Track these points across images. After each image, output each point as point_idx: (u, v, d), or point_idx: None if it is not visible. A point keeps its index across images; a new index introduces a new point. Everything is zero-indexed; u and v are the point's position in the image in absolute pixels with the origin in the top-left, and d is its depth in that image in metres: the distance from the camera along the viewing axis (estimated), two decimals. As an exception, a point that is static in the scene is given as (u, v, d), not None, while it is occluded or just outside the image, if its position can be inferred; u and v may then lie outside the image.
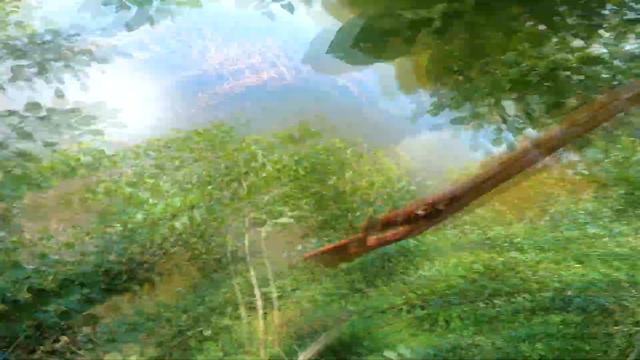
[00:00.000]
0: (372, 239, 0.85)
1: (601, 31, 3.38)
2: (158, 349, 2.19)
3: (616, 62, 3.21)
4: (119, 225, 1.98)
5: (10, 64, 1.79)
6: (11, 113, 1.29)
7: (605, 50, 3.23)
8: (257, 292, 1.94)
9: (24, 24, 1.92)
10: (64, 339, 1.66)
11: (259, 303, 1.87)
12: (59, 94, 1.81)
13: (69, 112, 1.39)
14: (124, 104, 8.04)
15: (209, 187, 2.81)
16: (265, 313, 2.71)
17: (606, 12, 3.48)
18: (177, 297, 3.36)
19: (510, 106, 3.56)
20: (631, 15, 3.42)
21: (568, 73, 3.07)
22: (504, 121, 3.28)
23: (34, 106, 1.29)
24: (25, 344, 1.48)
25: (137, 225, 2.03)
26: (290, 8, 4.90)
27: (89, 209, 2.35)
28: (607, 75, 3.15)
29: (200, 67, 10.06)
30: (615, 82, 3.09)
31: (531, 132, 3.36)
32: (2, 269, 1.20)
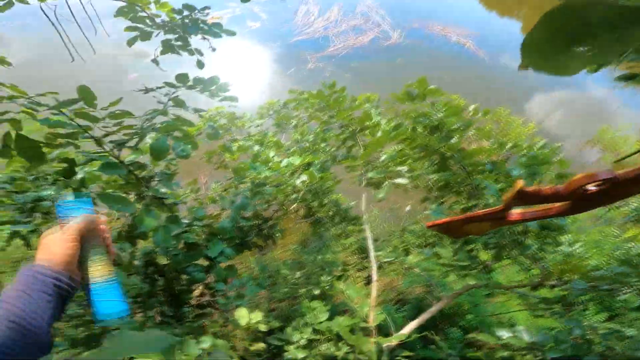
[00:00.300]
0: (515, 213, 0.67)
1: None
2: (275, 305, 2.36)
3: None
4: (249, 181, 2.14)
5: (159, 38, 2.00)
6: (167, 84, 1.44)
7: None
8: (371, 255, 1.93)
9: (162, 2, 2.10)
10: (205, 292, 1.89)
11: (374, 268, 1.85)
12: (200, 65, 1.97)
13: (209, 81, 1.49)
14: (241, 71, 8.69)
15: (323, 145, 2.88)
16: (369, 276, 2.73)
17: None
18: (294, 254, 3.62)
19: None
20: None
21: None
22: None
23: (183, 77, 1.41)
24: (174, 298, 1.72)
25: (264, 181, 2.16)
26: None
27: (227, 166, 2.62)
28: None
29: (306, 31, 10.19)
30: None
31: None
32: (167, 224, 1.39)
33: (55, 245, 0.74)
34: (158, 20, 2.13)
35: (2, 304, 0.64)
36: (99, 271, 0.80)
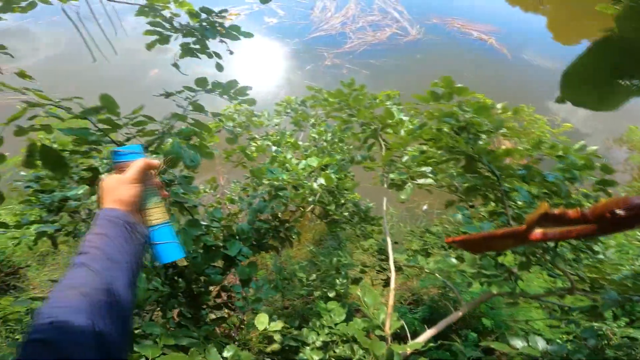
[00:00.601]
0: (537, 233, 0.65)
1: None
2: (288, 302, 2.35)
3: None
4: (267, 182, 2.14)
5: (178, 41, 2.01)
6: (186, 88, 1.45)
7: None
8: (391, 260, 1.90)
9: (181, 1, 2.12)
10: (222, 294, 1.90)
11: (392, 274, 1.82)
12: (220, 68, 1.98)
13: (228, 85, 1.49)
14: (260, 66, 8.71)
15: (341, 144, 2.86)
16: (387, 279, 2.70)
17: None
18: (310, 255, 3.62)
19: None
20: None
21: None
22: None
23: (202, 81, 1.42)
24: (193, 300, 1.74)
25: (282, 183, 2.16)
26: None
27: (245, 164, 2.63)
28: None
29: (323, 27, 10.12)
30: None
31: None
32: (187, 227, 1.41)
33: (121, 189, 0.75)
34: (177, 19, 2.15)
35: (91, 250, 0.65)
36: (157, 214, 0.81)
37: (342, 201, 2.26)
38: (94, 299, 0.57)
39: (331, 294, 2.48)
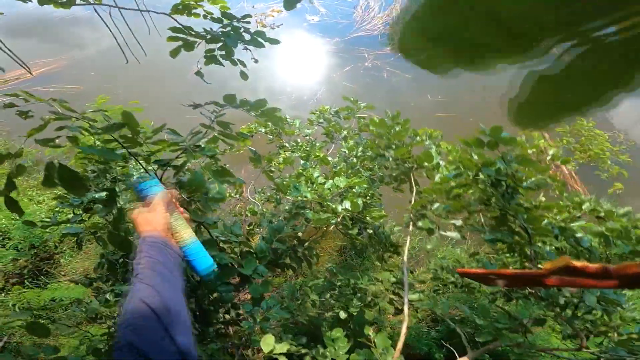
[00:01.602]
0: (553, 279, 0.61)
1: None
2: (299, 323, 2.27)
3: None
4: (290, 198, 2.07)
5: (201, 48, 1.97)
6: (214, 103, 1.39)
7: None
8: (405, 299, 1.77)
9: (209, 15, 2.07)
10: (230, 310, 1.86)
11: (406, 315, 1.69)
12: (244, 77, 1.92)
13: (256, 104, 1.41)
14: (300, 63, 8.66)
15: (371, 173, 2.72)
16: (400, 309, 2.54)
17: None
18: (325, 276, 3.52)
19: None
20: None
21: None
22: None
23: (230, 97, 1.35)
24: (203, 316, 1.70)
25: (306, 203, 2.08)
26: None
27: (272, 172, 2.56)
28: None
29: (364, 27, 9.90)
30: None
31: None
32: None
33: (154, 218, 0.89)
34: (203, 24, 2.11)
35: (144, 271, 0.77)
36: (186, 234, 0.92)
37: (370, 232, 2.15)
38: (163, 312, 0.70)
39: (343, 316, 2.38)
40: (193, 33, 1.89)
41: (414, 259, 3.79)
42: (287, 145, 3.06)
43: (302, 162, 2.52)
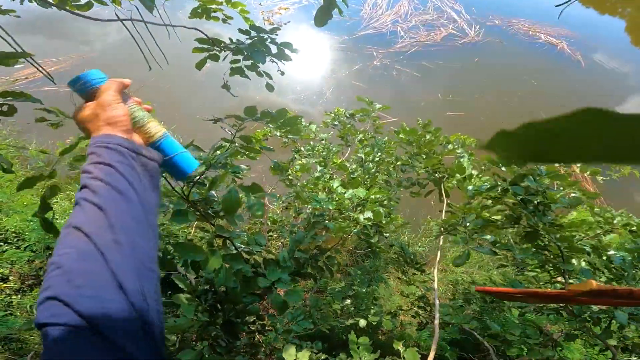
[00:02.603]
0: (580, 298, 0.64)
1: None
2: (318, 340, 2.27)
3: None
4: (310, 207, 2.06)
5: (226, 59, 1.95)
6: (235, 116, 1.37)
7: None
8: (436, 317, 1.76)
9: (234, 2, 2.04)
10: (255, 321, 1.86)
11: (436, 334, 1.68)
12: (270, 88, 1.90)
13: (277, 114, 1.40)
14: (308, 60, 8.62)
15: (388, 176, 2.69)
16: (426, 323, 2.53)
17: None
18: (346, 286, 3.52)
19: None
20: None
21: None
22: None
23: (251, 110, 1.34)
24: (230, 329, 1.70)
25: (326, 213, 2.07)
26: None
27: (291, 180, 2.55)
28: None
29: (373, 25, 9.81)
30: None
31: None
32: (229, 262, 1.36)
33: (106, 111, 0.63)
34: (228, 32, 2.09)
35: (90, 182, 0.55)
36: (154, 129, 0.72)
37: (386, 234, 2.13)
38: (100, 239, 0.49)
39: (362, 324, 2.38)
40: (221, 46, 1.86)
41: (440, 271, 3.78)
42: (302, 149, 3.04)
43: (319, 168, 2.50)
